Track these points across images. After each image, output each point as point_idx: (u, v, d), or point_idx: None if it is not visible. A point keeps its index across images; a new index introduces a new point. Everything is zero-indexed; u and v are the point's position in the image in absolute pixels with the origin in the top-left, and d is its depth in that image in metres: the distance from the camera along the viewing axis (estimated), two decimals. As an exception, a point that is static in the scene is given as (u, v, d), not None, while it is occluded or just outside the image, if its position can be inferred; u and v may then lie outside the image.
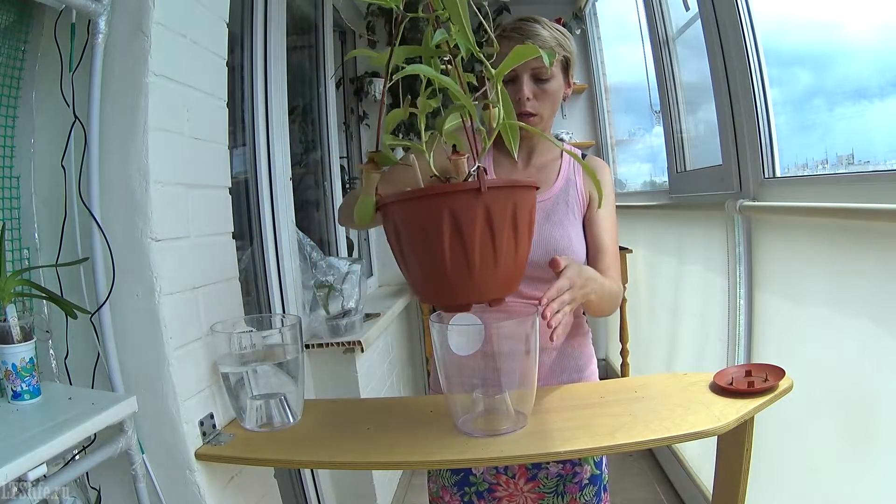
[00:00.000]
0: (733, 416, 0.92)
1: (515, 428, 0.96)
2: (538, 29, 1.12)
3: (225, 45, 1.26)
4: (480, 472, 1.19)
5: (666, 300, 2.64)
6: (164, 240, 1.02)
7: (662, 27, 2.36)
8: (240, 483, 1.15)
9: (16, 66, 1.07)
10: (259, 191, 2.00)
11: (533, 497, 1.19)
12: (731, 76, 1.70)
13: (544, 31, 1.12)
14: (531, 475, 1.19)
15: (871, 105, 1.39)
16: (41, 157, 1.07)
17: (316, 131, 2.77)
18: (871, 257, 1.21)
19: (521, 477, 1.19)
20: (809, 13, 1.56)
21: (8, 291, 0.91)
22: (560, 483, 1.19)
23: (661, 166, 2.68)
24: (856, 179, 1.30)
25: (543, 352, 1.18)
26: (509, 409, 0.97)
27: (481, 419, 0.97)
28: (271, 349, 1.10)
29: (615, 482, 2.52)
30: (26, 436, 0.82)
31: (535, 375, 0.98)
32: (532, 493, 1.19)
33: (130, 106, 1.00)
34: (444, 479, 1.22)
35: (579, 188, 1.24)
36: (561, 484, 1.19)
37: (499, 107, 0.82)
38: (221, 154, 1.25)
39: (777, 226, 1.61)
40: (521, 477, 1.19)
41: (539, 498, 1.19)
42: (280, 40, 2.10)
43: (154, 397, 1.02)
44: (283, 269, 2.07)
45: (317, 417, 1.12)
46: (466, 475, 1.20)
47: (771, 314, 1.65)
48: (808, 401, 1.33)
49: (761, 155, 1.64)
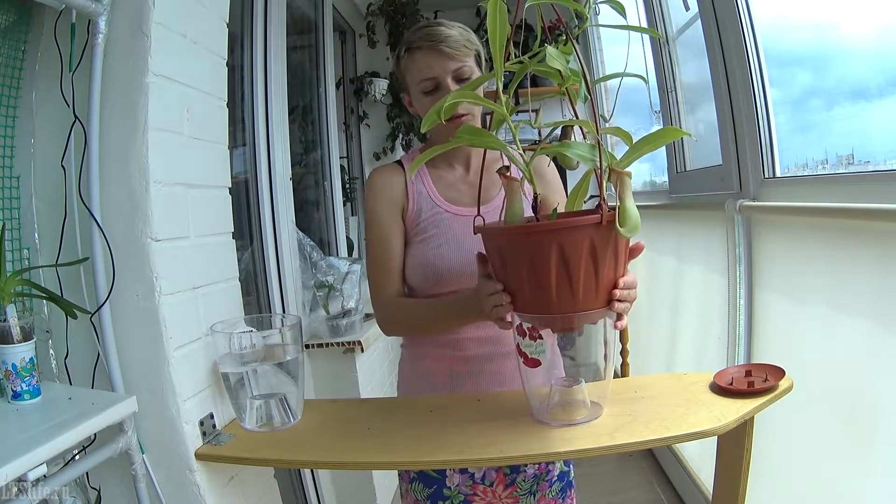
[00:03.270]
0: (733, 416, 0.92)
1: (591, 418, 0.97)
2: (445, 31, 1.10)
3: (225, 45, 1.26)
4: (456, 485, 1.15)
5: (666, 300, 2.64)
6: (164, 240, 1.02)
7: (662, 27, 2.36)
8: (240, 483, 1.15)
9: (16, 66, 1.07)
10: (259, 191, 2.00)
11: (510, 502, 1.17)
12: (731, 76, 1.70)
13: (452, 31, 1.10)
14: (510, 480, 1.16)
15: (870, 105, 1.39)
16: (41, 157, 1.07)
17: (316, 131, 2.78)
18: (871, 257, 1.21)
19: (499, 484, 1.16)
20: (807, 14, 1.56)
21: (8, 291, 0.91)
22: (534, 483, 1.18)
23: (661, 166, 2.68)
24: (856, 179, 1.30)
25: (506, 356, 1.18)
26: (586, 400, 0.99)
27: (558, 409, 0.99)
28: (271, 349, 1.10)
29: (615, 482, 2.53)
30: (26, 436, 0.82)
31: (612, 368, 0.99)
32: (509, 499, 1.17)
33: (130, 106, 1.00)
34: (416, 494, 1.18)
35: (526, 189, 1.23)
36: (535, 483, 1.18)
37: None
38: (221, 154, 1.25)
39: (777, 226, 1.61)
40: (500, 484, 1.16)
41: (515, 502, 1.17)
42: (280, 40, 2.10)
43: (154, 397, 1.02)
44: (283, 269, 2.07)
45: (317, 417, 1.12)
46: (440, 488, 1.16)
47: (771, 314, 1.65)
48: (808, 401, 1.33)
49: (761, 155, 1.64)
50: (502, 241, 0.89)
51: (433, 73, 1.10)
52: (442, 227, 1.15)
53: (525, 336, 0.94)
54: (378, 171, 1.22)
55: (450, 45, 1.09)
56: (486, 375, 1.18)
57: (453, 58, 1.09)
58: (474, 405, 1.09)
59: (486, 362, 1.17)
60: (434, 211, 1.16)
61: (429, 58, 1.10)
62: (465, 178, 1.21)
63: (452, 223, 1.16)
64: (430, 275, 1.14)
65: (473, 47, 1.13)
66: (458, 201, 1.18)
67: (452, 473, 1.16)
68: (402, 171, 1.20)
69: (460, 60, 1.10)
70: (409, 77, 1.14)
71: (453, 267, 1.13)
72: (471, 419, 1.02)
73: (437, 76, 1.10)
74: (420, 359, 1.23)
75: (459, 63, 1.10)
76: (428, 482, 1.17)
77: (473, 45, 1.13)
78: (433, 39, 1.09)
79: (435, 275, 1.14)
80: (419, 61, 1.11)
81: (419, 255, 1.15)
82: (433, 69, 1.10)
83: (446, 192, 1.19)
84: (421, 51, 1.10)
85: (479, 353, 1.17)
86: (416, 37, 1.11)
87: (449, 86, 1.10)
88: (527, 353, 0.94)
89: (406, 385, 1.26)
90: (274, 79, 2.05)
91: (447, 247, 1.14)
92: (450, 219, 1.16)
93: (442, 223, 1.16)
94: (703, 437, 0.90)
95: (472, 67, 1.13)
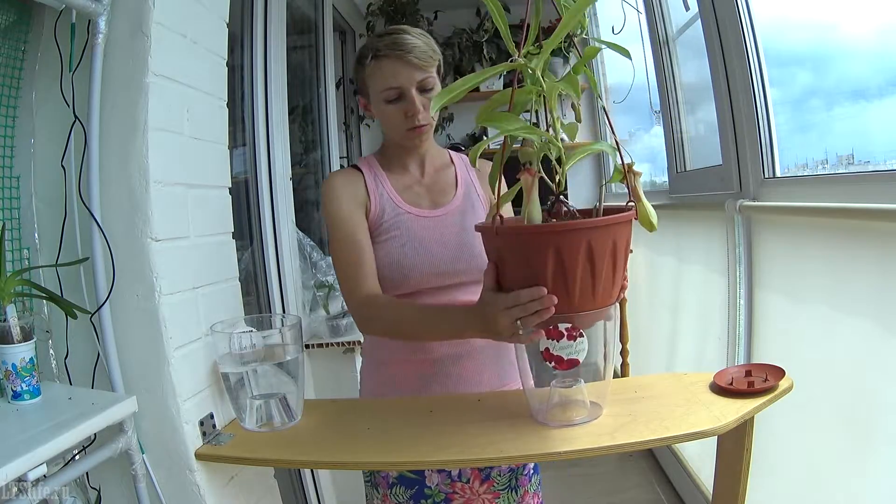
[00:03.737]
0: (733, 416, 0.92)
1: (590, 418, 0.97)
2: (412, 40, 1.11)
3: (225, 45, 1.26)
4: (435, 484, 1.17)
5: (666, 300, 2.64)
6: (164, 240, 1.02)
7: (662, 27, 2.36)
8: (240, 483, 1.15)
9: (16, 66, 1.07)
10: (259, 191, 2.00)
11: (489, 497, 1.18)
12: (731, 76, 1.70)
13: (418, 41, 1.11)
14: (484, 475, 1.17)
15: (869, 105, 1.39)
16: (41, 157, 1.07)
17: (316, 131, 2.78)
18: (871, 257, 1.21)
19: (475, 480, 1.17)
20: (807, 14, 1.56)
21: (8, 291, 0.91)
22: (512, 478, 1.19)
23: (661, 166, 2.67)
24: (856, 179, 1.30)
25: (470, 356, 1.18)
26: (585, 400, 0.99)
27: (557, 409, 0.99)
28: (271, 349, 1.10)
29: (615, 482, 2.53)
30: (26, 436, 0.82)
31: (611, 368, 0.99)
32: (488, 494, 1.18)
33: (130, 106, 1.00)
34: (398, 497, 1.18)
35: (478, 190, 1.25)
36: (513, 478, 1.19)
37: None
38: (221, 154, 1.25)
39: (777, 226, 1.61)
40: (475, 479, 1.17)
41: (495, 497, 1.18)
42: (280, 40, 2.10)
43: (154, 397, 1.02)
44: (283, 269, 2.07)
45: (317, 417, 1.12)
46: (421, 489, 1.17)
47: (771, 314, 1.65)
48: (808, 401, 1.33)
49: (761, 155, 1.64)
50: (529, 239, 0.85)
51: (398, 83, 1.11)
52: (404, 228, 1.16)
53: (562, 337, 0.89)
54: (336, 174, 1.22)
55: (417, 55, 1.10)
56: (453, 378, 1.18)
57: (420, 68, 1.11)
58: (474, 405, 1.09)
59: (453, 362, 1.18)
60: (396, 212, 1.17)
61: (395, 67, 1.10)
62: (420, 180, 1.23)
63: (413, 224, 1.17)
64: (397, 275, 1.14)
65: (437, 57, 1.15)
66: (417, 203, 1.20)
67: (431, 473, 1.17)
68: (361, 174, 1.20)
69: (426, 71, 1.12)
70: (373, 83, 1.14)
71: (417, 266, 1.13)
72: (471, 419, 1.02)
73: (401, 86, 1.11)
74: (385, 365, 1.22)
75: (425, 74, 1.12)
76: (409, 484, 1.17)
77: (437, 55, 1.15)
78: (401, 49, 1.09)
79: (402, 275, 1.14)
80: (385, 69, 1.11)
81: (384, 255, 1.15)
82: (398, 78, 1.11)
83: (404, 194, 1.20)
84: (388, 59, 1.10)
85: (447, 353, 1.17)
86: (382, 44, 1.11)
87: (413, 96, 1.11)
88: (562, 356, 0.89)
89: (369, 394, 1.25)
90: (274, 79, 2.05)
91: (411, 246, 1.15)
92: (411, 220, 1.17)
93: (403, 224, 1.16)
94: (703, 437, 0.90)
95: (435, 78, 1.14)
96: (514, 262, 0.87)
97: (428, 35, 1.16)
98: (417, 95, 1.12)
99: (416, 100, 1.12)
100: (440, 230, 1.17)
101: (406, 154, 1.22)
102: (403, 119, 1.13)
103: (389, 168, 1.22)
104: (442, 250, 1.15)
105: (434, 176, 1.24)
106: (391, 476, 1.18)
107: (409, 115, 1.12)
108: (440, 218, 1.19)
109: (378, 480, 1.20)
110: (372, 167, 1.22)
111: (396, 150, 1.22)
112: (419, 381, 1.19)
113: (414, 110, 1.12)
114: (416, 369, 1.18)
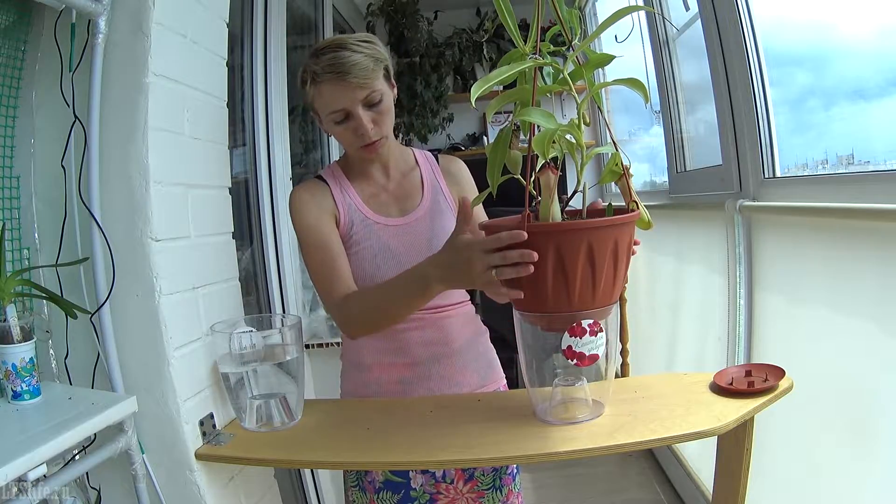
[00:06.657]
0: (733, 416, 0.92)
1: (592, 416, 0.97)
2: (350, 57, 1.04)
3: (225, 45, 1.26)
4: (420, 485, 1.17)
5: (666, 300, 2.64)
6: (164, 240, 1.02)
7: (662, 27, 2.36)
8: (240, 483, 1.15)
9: (16, 66, 1.06)
10: (259, 191, 2.00)
11: (473, 497, 1.18)
12: (731, 76, 1.70)
13: (356, 55, 1.05)
14: (468, 475, 1.18)
15: (869, 105, 1.39)
16: (41, 157, 1.07)
17: (316, 131, 2.77)
18: (872, 257, 1.21)
19: (458, 480, 1.17)
20: (807, 14, 1.56)
21: (8, 291, 0.91)
22: (496, 477, 1.19)
23: (661, 166, 2.67)
24: (856, 179, 1.30)
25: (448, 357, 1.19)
26: (587, 398, 0.99)
27: (560, 407, 0.99)
28: (271, 349, 1.10)
29: (615, 482, 2.53)
30: (26, 436, 0.82)
31: (613, 366, 0.99)
32: (472, 494, 1.18)
33: (130, 106, 1.00)
34: (384, 501, 1.18)
35: (444, 191, 1.23)
36: (497, 478, 1.19)
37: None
38: (221, 154, 1.25)
39: (777, 226, 1.61)
40: (459, 480, 1.17)
41: (479, 497, 1.18)
42: (280, 40, 2.10)
43: (154, 397, 1.02)
44: (283, 269, 2.07)
45: (317, 417, 1.12)
46: (407, 492, 1.17)
47: (771, 314, 1.65)
48: (808, 401, 1.33)
49: (761, 155, 1.64)
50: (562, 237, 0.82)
51: (341, 106, 1.07)
52: (374, 238, 1.15)
53: (585, 333, 0.86)
54: (301, 187, 1.20)
55: (356, 74, 1.04)
56: (435, 379, 1.18)
57: (361, 87, 1.06)
58: (474, 405, 1.09)
59: (433, 364, 1.18)
60: (365, 223, 1.16)
61: (335, 90, 1.06)
62: (386, 186, 1.21)
63: (383, 234, 1.16)
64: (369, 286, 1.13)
65: (382, 65, 1.09)
66: (386, 212, 1.18)
67: (416, 474, 1.17)
68: (327, 185, 1.18)
69: (369, 87, 1.06)
70: (318, 106, 1.11)
71: (390, 276, 1.09)
72: (471, 419, 1.02)
73: (345, 107, 1.07)
74: (365, 370, 1.21)
75: (367, 90, 1.07)
76: (396, 488, 1.17)
77: (381, 62, 1.09)
78: (339, 71, 1.04)
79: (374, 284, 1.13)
80: (326, 95, 1.07)
81: (356, 267, 1.14)
82: (341, 101, 1.06)
83: (371, 202, 1.18)
84: (327, 83, 1.06)
85: (425, 355, 1.17)
86: (319, 66, 1.06)
87: (359, 115, 1.07)
88: (584, 353, 0.87)
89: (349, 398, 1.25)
90: (274, 79, 2.05)
91: (382, 257, 1.14)
92: (381, 229, 1.16)
93: (374, 235, 1.15)
94: (703, 437, 0.91)
95: (382, 89, 1.09)
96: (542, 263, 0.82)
97: (370, 40, 1.10)
98: (364, 112, 1.08)
99: (363, 118, 1.07)
100: (410, 237, 1.16)
101: (368, 163, 1.19)
102: (354, 138, 1.10)
103: (353, 177, 1.19)
104: (414, 258, 1.10)
105: (400, 181, 1.21)
106: (377, 481, 1.18)
107: (358, 133, 1.09)
108: (409, 225, 1.17)
109: (365, 485, 1.20)
110: (337, 177, 1.19)
111: (358, 160, 1.19)
112: (400, 385, 1.19)
113: (363, 130, 1.08)
114: (397, 374, 1.19)
